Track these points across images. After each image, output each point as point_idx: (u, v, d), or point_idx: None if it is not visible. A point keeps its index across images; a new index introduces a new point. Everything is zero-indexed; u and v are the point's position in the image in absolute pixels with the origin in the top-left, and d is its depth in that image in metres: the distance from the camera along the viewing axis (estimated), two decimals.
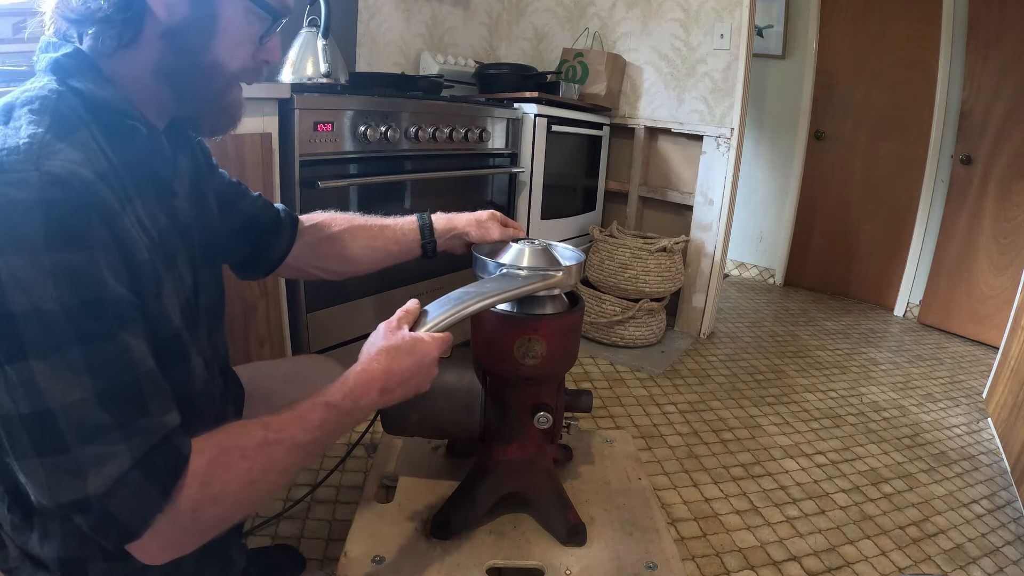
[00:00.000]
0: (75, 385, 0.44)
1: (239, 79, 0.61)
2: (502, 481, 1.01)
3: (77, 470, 0.45)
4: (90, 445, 0.45)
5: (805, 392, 2.05)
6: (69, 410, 0.44)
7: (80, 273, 0.44)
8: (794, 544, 1.27)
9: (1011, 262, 2.63)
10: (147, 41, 0.54)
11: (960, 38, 2.77)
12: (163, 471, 0.48)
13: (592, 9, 2.57)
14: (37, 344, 0.43)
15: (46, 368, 0.43)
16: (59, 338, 0.44)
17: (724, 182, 2.33)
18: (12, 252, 0.42)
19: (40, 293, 0.43)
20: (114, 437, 0.46)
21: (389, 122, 1.52)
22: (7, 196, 0.42)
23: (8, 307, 0.42)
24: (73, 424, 0.44)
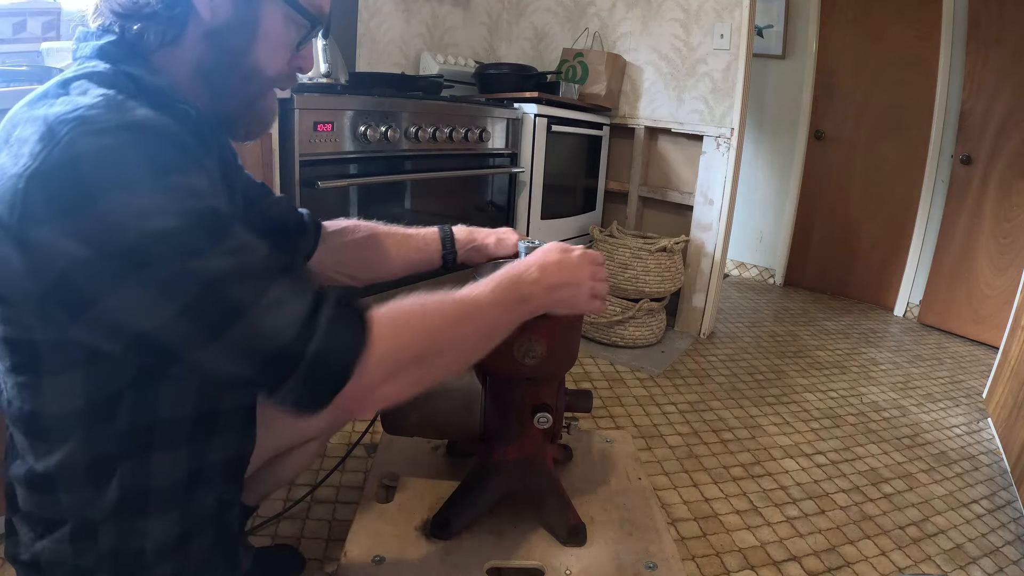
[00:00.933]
0: (220, 263, 0.46)
1: (274, 84, 0.62)
2: (502, 481, 1.01)
3: (262, 328, 0.47)
4: (262, 298, 0.47)
5: (805, 392, 2.05)
6: (227, 279, 0.46)
7: (190, 190, 0.47)
8: (794, 544, 1.27)
9: (1011, 262, 2.63)
10: (190, 40, 0.55)
11: (960, 38, 2.77)
12: (355, 305, 0.51)
13: (592, 9, 2.57)
14: (174, 253, 0.44)
15: (193, 262, 0.45)
16: (193, 242, 0.45)
17: (724, 182, 2.33)
18: (122, 190, 0.44)
19: (162, 215, 0.44)
20: (284, 288, 0.48)
21: (389, 122, 1.52)
22: (100, 143, 0.44)
23: (132, 236, 0.43)
24: (237, 287, 0.46)
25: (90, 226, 0.43)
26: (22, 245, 0.44)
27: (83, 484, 0.54)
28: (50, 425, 0.52)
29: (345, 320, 0.50)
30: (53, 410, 0.52)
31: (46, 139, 0.44)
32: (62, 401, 0.51)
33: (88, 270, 0.43)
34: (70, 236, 0.43)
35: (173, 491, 0.57)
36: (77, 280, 0.44)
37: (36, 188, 0.43)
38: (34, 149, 0.43)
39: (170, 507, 0.57)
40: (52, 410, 0.52)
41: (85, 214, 0.43)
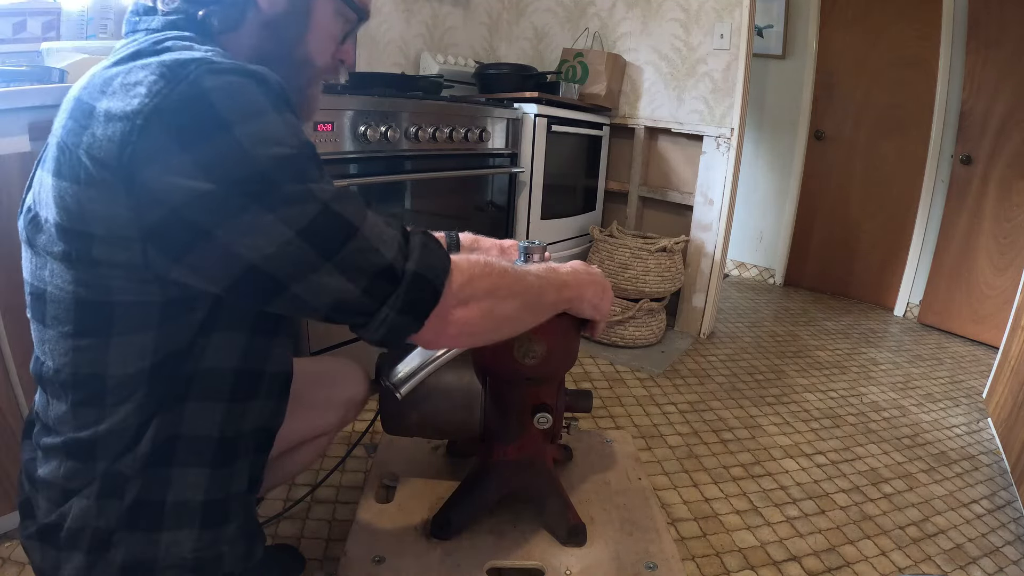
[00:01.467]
0: (332, 189, 0.51)
1: (321, 75, 0.67)
2: (502, 481, 1.01)
3: (369, 248, 0.51)
4: (366, 221, 0.52)
5: (805, 392, 2.05)
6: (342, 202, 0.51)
7: (299, 126, 0.51)
8: (794, 544, 1.27)
9: (1011, 262, 2.63)
10: (248, 27, 0.59)
11: (960, 38, 2.77)
12: (436, 243, 0.57)
13: (592, 9, 2.57)
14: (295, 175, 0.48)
15: (311, 184, 0.49)
16: (309, 167, 0.50)
17: (724, 182, 2.33)
18: (250, 119, 0.47)
19: (285, 144, 0.48)
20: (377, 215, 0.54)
21: (389, 122, 1.52)
22: (227, 80, 0.47)
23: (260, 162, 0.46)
24: (352, 210, 0.51)
25: (220, 154, 0.45)
26: (130, 185, 0.45)
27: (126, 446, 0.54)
28: (111, 388, 0.53)
29: (435, 247, 0.56)
30: (117, 371, 0.52)
31: (168, 77, 0.46)
32: (128, 362, 0.52)
33: (209, 201, 0.45)
34: (194, 167, 0.45)
35: (203, 445, 0.57)
36: (193, 214, 0.45)
37: (159, 123, 0.44)
38: (154, 88, 0.45)
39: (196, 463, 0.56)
40: (116, 371, 0.52)
41: (217, 142, 0.45)
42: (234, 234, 0.46)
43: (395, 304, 0.52)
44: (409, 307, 0.53)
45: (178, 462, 0.55)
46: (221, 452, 0.58)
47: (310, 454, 0.95)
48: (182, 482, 0.56)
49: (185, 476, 0.56)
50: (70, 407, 0.54)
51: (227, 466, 0.59)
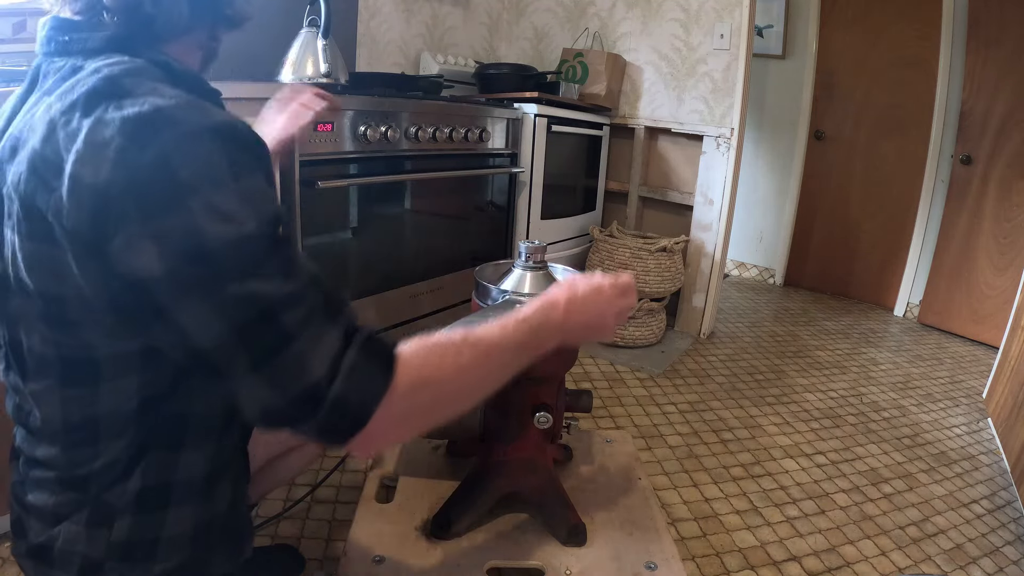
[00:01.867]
0: (279, 286, 0.47)
1: None
2: (502, 481, 1.01)
3: (299, 362, 0.47)
4: (309, 334, 0.48)
5: (805, 392, 2.05)
6: (289, 308, 0.47)
7: (260, 192, 0.48)
8: (794, 544, 1.27)
9: (1011, 262, 2.63)
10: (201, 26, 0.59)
11: (960, 38, 2.77)
12: (381, 348, 0.51)
13: (592, 9, 2.57)
14: (243, 266, 0.45)
15: (254, 282, 0.46)
16: (261, 254, 0.47)
17: (724, 182, 2.33)
18: (207, 189, 0.44)
19: (239, 218, 0.45)
20: (330, 324, 0.49)
21: (389, 122, 1.52)
22: (191, 145, 0.45)
23: (209, 241, 0.44)
24: (294, 319, 0.47)
25: (175, 229, 0.43)
26: (100, 255, 0.44)
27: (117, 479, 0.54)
28: (103, 429, 0.53)
29: (368, 367, 0.50)
30: (108, 413, 0.53)
31: (137, 141, 0.44)
32: (120, 402, 0.53)
33: (163, 280, 0.44)
34: (154, 239, 0.43)
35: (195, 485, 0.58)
36: (153, 287, 0.44)
37: (127, 196, 0.43)
38: (123, 156, 0.43)
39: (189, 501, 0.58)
40: (107, 413, 0.53)
41: (171, 215, 0.43)
42: (183, 315, 0.45)
43: (312, 428, 0.49)
44: (327, 432, 0.49)
45: (173, 503, 0.56)
46: (208, 485, 0.59)
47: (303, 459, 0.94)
48: (175, 519, 0.57)
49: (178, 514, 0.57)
50: (62, 450, 0.54)
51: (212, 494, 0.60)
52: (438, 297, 1.84)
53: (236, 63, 1.64)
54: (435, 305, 1.83)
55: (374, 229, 1.61)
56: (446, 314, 1.88)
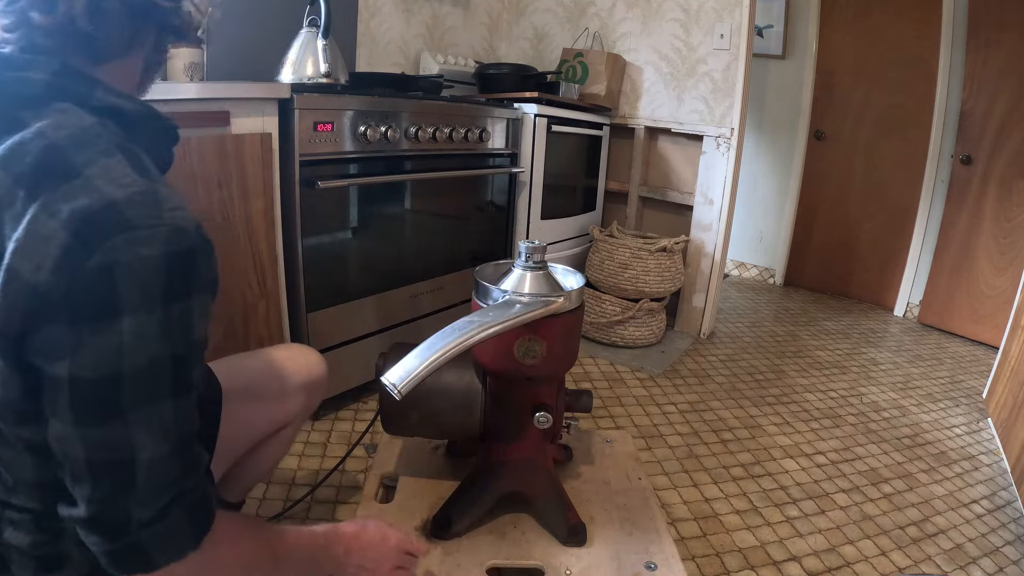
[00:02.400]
0: (159, 439, 0.47)
1: None
2: (502, 481, 1.01)
3: (131, 503, 0.47)
4: (155, 484, 0.48)
5: (805, 392, 2.05)
6: (148, 463, 0.47)
7: (184, 320, 0.46)
8: (794, 544, 1.27)
9: (1011, 262, 2.63)
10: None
11: (960, 38, 2.77)
12: (203, 518, 0.52)
13: (592, 9, 2.57)
14: (140, 398, 0.45)
15: (141, 422, 0.45)
16: (160, 390, 0.46)
17: (724, 182, 2.33)
18: (141, 309, 0.43)
19: (159, 346, 0.45)
20: (174, 480, 0.49)
21: (389, 122, 1.52)
22: (138, 254, 0.43)
23: (125, 366, 0.44)
24: (147, 472, 0.47)
25: (95, 345, 0.42)
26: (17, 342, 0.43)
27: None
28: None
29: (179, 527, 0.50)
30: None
31: (81, 239, 0.41)
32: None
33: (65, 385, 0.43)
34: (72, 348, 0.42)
35: None
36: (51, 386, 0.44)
37: (63, 296, 0.41)
38: (65, 253, 0.41)
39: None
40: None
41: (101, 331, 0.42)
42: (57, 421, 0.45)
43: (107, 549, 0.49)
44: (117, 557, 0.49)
45: None
46: None
47: (278, 449, 0.94)
48: None
49: None
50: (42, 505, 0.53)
51: None
52: (438, 297, 1.84)
53: (236, 63, 1.64)
54: (435, 305, 1.83)
55: (374, 229, 1.61)
56: (446, 314, 1.88)
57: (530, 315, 0.86)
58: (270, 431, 0.90)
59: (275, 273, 1.36)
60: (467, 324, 0.80)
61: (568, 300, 0.91)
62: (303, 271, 1.41)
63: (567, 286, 0.98)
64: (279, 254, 1.37)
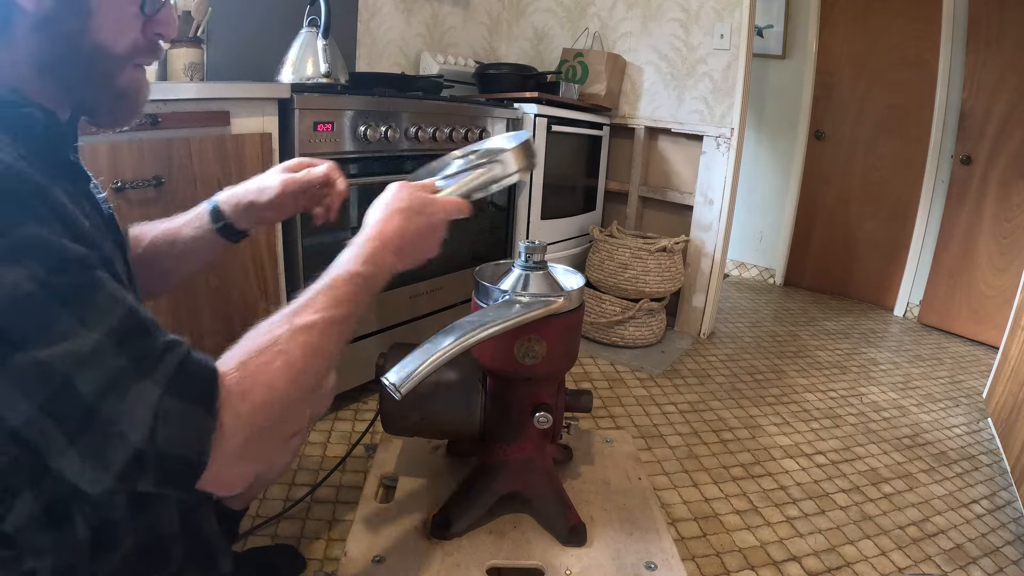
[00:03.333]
0: (79, 347, 0.42)
1: (131, 59, 0.56)
2: (502, 481, 1.02)
3: (112, 431, 0.42)
4: (113, 396, 0.43)
5: (805, 392, 2.05)
6: (84, 372, 0.42)
7: (34, 244, 0.42)
8: (794, 544, 1.27)
9: (1011, 262, 2.63)
10: (20, 36, 0.49)
11: (960, 38, 2.77)
12: (196, 386, 0.46)
13: (592, 9, 2.57)
14: (28, 331, 0.41)
15: (45, 349, 0.41)
16: (46, 313, 0.41)
17: (724, 182, 2.33)
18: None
19: (10, 279, 0.40)
20: (133, 376, 0.44)
21: (389, 122, 1.52)
22: None
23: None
24: (92, 384, 0.42)
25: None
26: None
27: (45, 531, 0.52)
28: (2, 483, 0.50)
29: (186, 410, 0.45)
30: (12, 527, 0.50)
31: None
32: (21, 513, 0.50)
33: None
34: None
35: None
36: None
37: None
38: None
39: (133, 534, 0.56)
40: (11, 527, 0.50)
41: None
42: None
43: (149, 482, 0.44)
44: (168, 486, 0.45)
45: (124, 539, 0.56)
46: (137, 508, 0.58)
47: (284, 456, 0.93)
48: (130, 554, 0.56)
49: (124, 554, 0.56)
50: None
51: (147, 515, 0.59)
52: (438, 297, 1.84)
53: (236, 63, 1.64)
54: (435, 305, 1.83)
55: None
56: (446, 314, 1.88)
57: (530, 315, 0.86)
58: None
59: (275, 273, 1.36)
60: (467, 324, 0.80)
61: (568, 300, 0.91)
62: (303, 271, 1.41)
63: (567, 286, 0.98)
64: (279, 254, 1.37)
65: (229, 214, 0.80)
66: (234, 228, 0.81)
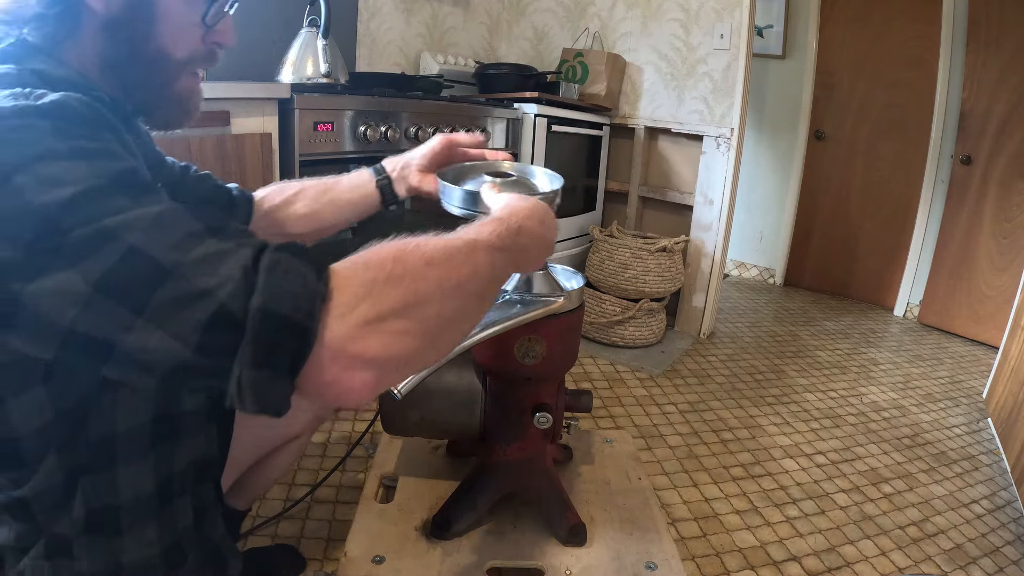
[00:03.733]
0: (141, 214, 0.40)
1: (190, 66, 0.58)
2: (502, 481, 1.01)
3: (192, 289, 0.38)
4: (194, 253, 0.39)
5: (805, 392, 2.05)
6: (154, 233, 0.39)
7: (105, 151, 0.43)
8: (794, 544, 1.27)
9: (1011, 262, 2.63)
10: (87, 34, 0.52)
11: (960, 38, 2.77)
12: (302, 254, 0.41)
13: (592, 9, 2.57)
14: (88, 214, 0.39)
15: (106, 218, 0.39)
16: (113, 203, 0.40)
17: (724, 182, 2.33)
18: (32, 161, 0.40)
19: (74, 175, 0.40)
20: (218, 240, 0.40)
21: (389, 122, 1.52)
22: (10, 126, 0.41)
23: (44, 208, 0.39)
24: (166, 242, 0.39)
25: (5, 212, 0.39)
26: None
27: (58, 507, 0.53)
28: (27, 448, 0.51)
29: (292, 265, 0.40)
30: (26, 430, 0.50)
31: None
32: (32, 420, 0.50)
33: (10, 266, 0.39)
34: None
35: (145, 505, 0.56)
36: (2, 280, 0.39)
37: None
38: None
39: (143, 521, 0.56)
40: (25, 431, 0.50)
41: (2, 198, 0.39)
42: (38, 298, 0.39)
43: (245, 358, 0.38)
44: (265, 359, 0.38)
45: (125, 529, 0.55)
46: (160, 501, 0.58)
47: (286, 460, 0.94)
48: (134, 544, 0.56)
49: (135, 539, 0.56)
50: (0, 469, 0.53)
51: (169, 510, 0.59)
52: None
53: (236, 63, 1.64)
54: None
55: (374, 229, 1.61)
56: None
57: (530, 315, 0.86)
58: (279, 442, 0.90)
59: None
60: None
61: (568, 300, 0.91)
62: None
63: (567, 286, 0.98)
64: None
65: (391, 170, 0.87)
66: (391, 187, 0.87)
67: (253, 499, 0.97)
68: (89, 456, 0.53)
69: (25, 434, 0.51)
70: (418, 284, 0.43)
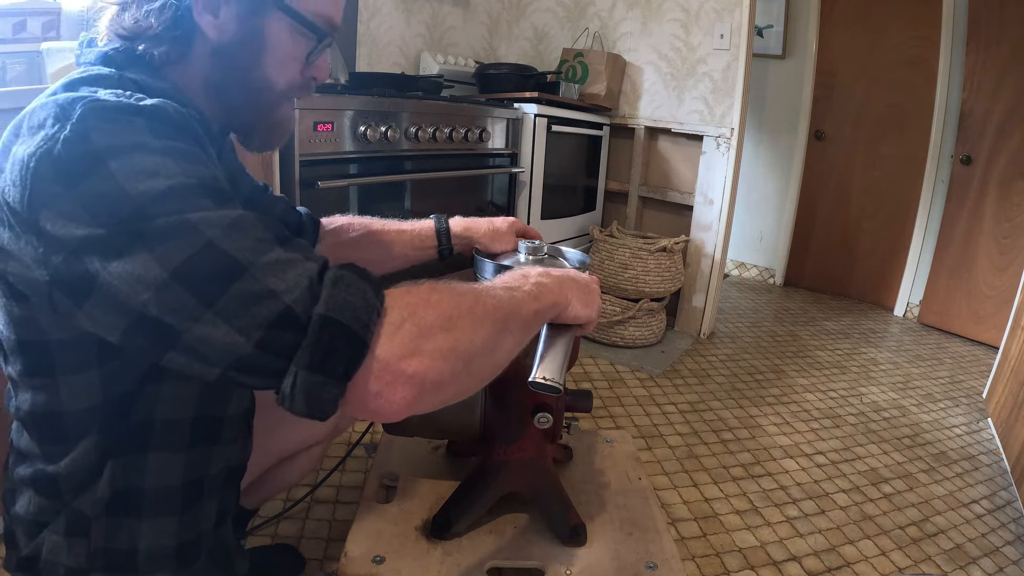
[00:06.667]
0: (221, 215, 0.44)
1: (288, 96, 0.62)
2: (502, 481, 1.01)
3: (263, 288, 0.42)
4: (266, 256, 0.43)
5: (805, 392, 2.05)
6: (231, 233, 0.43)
7: (192, 156, 0.46)
8: (794, 544, 1.27)
9: (1011, 262, 2.63)
10: (197, 57, 0.56)
11: (960, 38, 2.77)
12: (362, 273, 0.46)
13: (592, 9, 2.57)
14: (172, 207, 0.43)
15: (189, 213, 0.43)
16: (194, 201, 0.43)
17: (724, 182, 2.33)
18: (127, 152, 0.43)
19: (166, 170, 0.43)
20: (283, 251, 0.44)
21: (389, 122, 1.52)
22: (110, 117, 0.44)
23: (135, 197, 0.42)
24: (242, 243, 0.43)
25: (98, 192, 0.42)
26: (36, 230, 0.43)
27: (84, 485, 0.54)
28: (70, 424, 0.52)
29: (354, 281, 0.45)
30: (72, 408, 0.52)
31: (59, 117, 0.44)
32: (81, 399, 0.52)
33: (94, 243, 0.42)
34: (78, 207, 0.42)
35: (169, 496, 0.57)
36: (83, 256, 0.42)
37: (49, 165, 0.42)
38: (49, 131, 0.43)
39: (165, 512, 0.57)
40: (71, 408, 0.52)
41: (92, 180, 0.42)
42: (115, 277, 0.41)
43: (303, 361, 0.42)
44: (320, 363, 0.42)
45: (146, 513, 0.56)
46: (186, 498, 0.58)
47: (305, 464, 0.94)
48: (152, 531, 0.56)
49: (154, 525, 0.56)
50: (37, 443, 0.54)
51: (195, 509, 0.59)
52: None
53: None
54: None
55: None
56: None
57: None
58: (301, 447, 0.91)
59: None
60: None
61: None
62: None
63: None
64: None
65: (455, 239, 0.99)
66: (451, 251, 0.98)
67: (264, 500, 0.98)
68: (125, 438, 0.54)
69: (71, 411, 0.52)
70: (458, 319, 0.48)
